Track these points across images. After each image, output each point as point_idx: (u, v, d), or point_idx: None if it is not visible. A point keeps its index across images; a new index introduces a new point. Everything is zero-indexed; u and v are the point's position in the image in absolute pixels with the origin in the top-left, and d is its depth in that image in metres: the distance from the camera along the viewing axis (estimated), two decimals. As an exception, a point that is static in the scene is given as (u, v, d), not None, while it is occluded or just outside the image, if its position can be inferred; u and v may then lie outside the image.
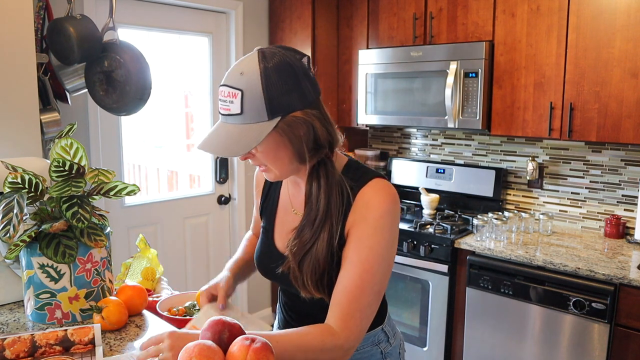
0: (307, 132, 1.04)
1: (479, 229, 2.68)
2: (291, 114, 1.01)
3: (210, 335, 1.14)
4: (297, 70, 1.02)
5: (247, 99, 0.99)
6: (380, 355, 1.26)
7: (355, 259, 1.06)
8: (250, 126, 1.00)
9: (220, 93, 1.03)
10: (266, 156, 1.06)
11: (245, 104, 0.99)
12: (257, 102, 0.99)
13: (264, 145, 1.03)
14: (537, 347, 2.37)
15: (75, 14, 2.00)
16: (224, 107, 1.03)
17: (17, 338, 1.12)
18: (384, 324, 1.28)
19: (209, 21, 3.22)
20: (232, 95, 1.00)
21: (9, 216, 1.18)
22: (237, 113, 1.00)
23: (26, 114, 1.69)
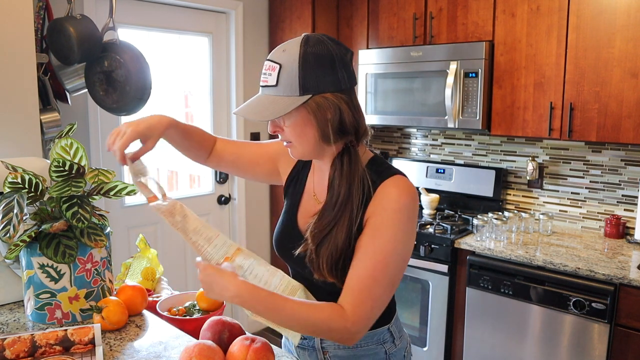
0: (334, 114, 1.08)
1: (479, 229, 2.68)
2: (321, 94, 1.07)
3: (210, 335, 1.15)
4: (336, 59, 1.08)
5: (283, 72, 1.06)
6: (384, 355, 1.26)
7: (371, 249, 1.08)
8: (282, 98, 1.07)
9: (264, 68, 1.11)
10: (293, 131, 1.11)
11: (281, 77, 1.06)
12: (291, 77, 1.06)
13: (292, 120, 1.09)
14: (537, 347, 2.37)
15: (75, 14, 2.00)
16: (263, 80, 1.10)
17: (17, 338, 1.12)
18: (391, 324, 1.28)
19: (209, 21, 3.22)
20: (271, 69, 1.08)
21: (9, 216, 1.18)
22: (272, 85, 1.07)
23: (26, 114, 1.69)
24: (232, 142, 1.47)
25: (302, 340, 1.28)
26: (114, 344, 1.22)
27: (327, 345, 1.25)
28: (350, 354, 1.24)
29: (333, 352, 1.25)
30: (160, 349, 1.20)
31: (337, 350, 1.24)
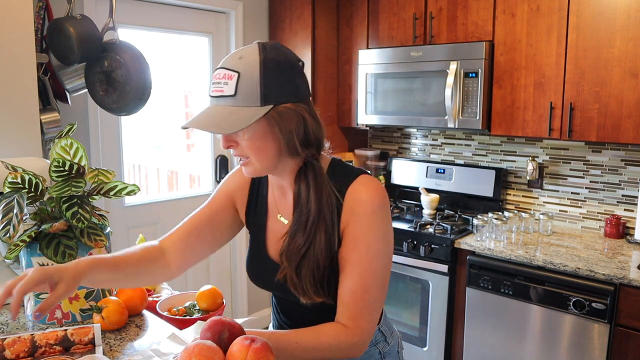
0: (298, 124, 1.03)
1: (479, 229, 2.68)
2: (283, 105, 1.01)
3: (210, 335, 1.14)
4: (294, 67, 1.04)
5: (242, 81, 0.99)
6: (379, 356, 1.26)
7: (355, 259, 1.06)
8: (241, 109, 0.99)
9: (215, 76, 1.03)
10: (251, 145, 1.03)
11: (240, 86, 0.99)
12: (252, 86, 0.99)
13: (251, 133, 1.02)
14: (537, 347, 2.37)
15: (75, 14, 2.00)
16: (216, 89, 1.02)
17: (17, 338, 1.12)
18: (381, 324, 1.28)
19: (209, 21, 3.22)
20: (227, 77, 1.00)
21: (9, 216, 1.19)
22: (230, 95, 0.99)
23: (26, 114, 1.69)
24: (181, 226, 1.29)
25: None
26: (114, 344, 1.22)
27: None
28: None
29: None
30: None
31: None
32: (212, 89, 1.04)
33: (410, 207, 3.22)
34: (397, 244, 2.80)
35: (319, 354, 1.03)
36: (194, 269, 3.27)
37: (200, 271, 3.31)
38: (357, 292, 1.05)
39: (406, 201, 3.36)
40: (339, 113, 3.44)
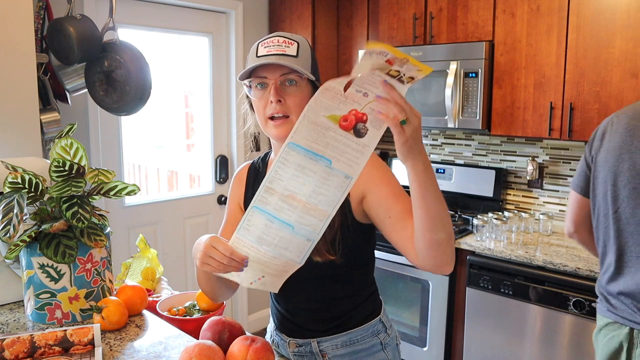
0: None
1: (479, 229, 2.68)
2: (318, 81, 1.15)
3: (210, 335, 1.15)
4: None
5: (301, 49, 1.12)
6: (380, 346, 1.28)
7: (406, 205, 1.10)
8: (301, 67, 1.10)
9: (271, 41, 1.12)
10: (298, 103, 1.11)
11: (300, 52, 1.11)
12: (307, 56, 1.13)
13: (302, 92, 1.12)
14: (537, 347, 2.37)
15: (75, 14, 2.00)
16: (277, 50, 1.10)
17: (16, 339, 1.12)
18: (382, 314, 1.31)
19: (209, 21, 3.22)
20: (288, 43, 1.11)
21: (9, 216, 1.18)
22: (292, 55, 1.10)
23: (26, 114, 1.69)
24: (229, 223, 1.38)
25: (299, 348, 1.29)
26: (114, 344, 1.22)
27: (325, 347, 1.25)
28: (350, 350, 1.25)
29: (332, 352, 1.25)
30: (160, 349, 1.20)
31: (336, 350, 1.25)
32: (268, 50, 1.10)
33: (410, 207, 3.22)
34: (397, 244, 2.80)
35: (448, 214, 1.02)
36: (194, 269, 3.27)
37: (200, 271, 3.31)
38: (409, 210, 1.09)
39: (406, 201, 3.36)
40: (339, 113, 3.44)
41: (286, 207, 0.95)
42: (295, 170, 0.93)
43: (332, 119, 0.91)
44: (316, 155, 0.92)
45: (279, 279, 1.04)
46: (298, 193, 0.94)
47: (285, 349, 1.31)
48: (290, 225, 0.96)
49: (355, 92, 0.90)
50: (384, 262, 2.85)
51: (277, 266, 1.01)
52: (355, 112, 0.90)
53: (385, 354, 1.28)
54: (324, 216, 0.94)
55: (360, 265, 1.26)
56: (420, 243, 1.02)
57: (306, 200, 0.94)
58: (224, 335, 1.14)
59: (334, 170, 0.92)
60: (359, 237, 1.20)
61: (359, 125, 0.90)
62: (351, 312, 1.26)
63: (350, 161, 0.91)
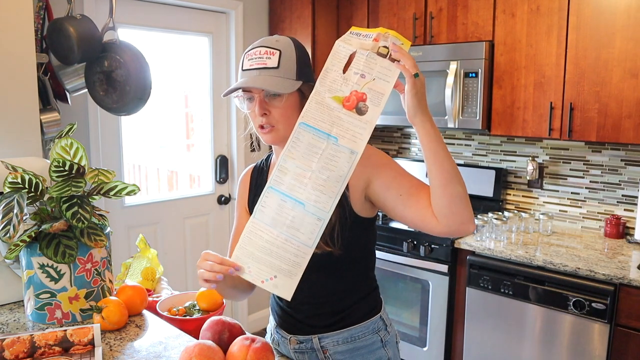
0: None
1: (479, 229, 2.68)
2: (309, 83, 1.16)
3: (210, 335, 1.15)
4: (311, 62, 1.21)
5: (283, 57, 1.13)
6: (381, 343, 1.29)
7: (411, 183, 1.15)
8: (283, 79, 1.12)
9: (253, 53, 1.14)
10: (284, 113, 1.14)
11: (282, 61, 1.12)
12: (290, 62, 1.13)
13: (286, 101, 1.14)
14: (537, 347, 2.37)
15: (75, 14, 1.99)
16: (258, 63, 1.13)
17: (16, 339, 1.11)
18: (382, 312, 1.32)
19: (209, 21, 3.22)
20: (269, 53, 1.13)
21: (9, 216, 1.18)
22: (273, 66, 1.12)
23: (26, 114, 1.69)
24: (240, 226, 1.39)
25: (299, 344, 1.29)
26: (114, 344, 1.22)
27: (326, 344, 1.26)
28: (350, 347, 1.25)
29: (333, 349, 1.25)
30: (160, 349, 1.20)
31: (337, 346, 1.25)
32: (250, 64, 1.14)
33: (410, 207, 3.22)
34: (397, 244, 2.80)
35: (455, 165, 1.07)
36: (194, 269, 3.27)
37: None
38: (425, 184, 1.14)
39: (406, 201, 3.36)
40: (339, 113, 3.44)
41: (298, 185, 1.02)
42: (305, 149, 1.02)
43: (336, 99, 1.00)
44: (324, 134, 1.01)
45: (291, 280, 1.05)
46: (308, 170, 1.01)
47: (286, 346, 1.32)
48: (302, 203, 1.02)
49: (353, 74, 1.00)
50: (384, 262, 2.85)
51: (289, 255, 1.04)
52: (356, 93, 1.00)
53: (385, 351, 1.29)
54: (333, 192, 1.01)
55: (359, 259, 1.28)
56: (440, 202, 1.06)
57: (316, 176, 1.01)
58: (224, 335, 1.14)
59: (341, 147, 1.00)
60: (357, 230, 1.21)
61: (360, 104, 0.99)
62: (352, 307, 1.27)
63: (354, 137, 0.99)
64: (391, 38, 0.99)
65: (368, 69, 1.00)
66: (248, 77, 1.13)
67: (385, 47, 0.99)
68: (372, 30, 0.99)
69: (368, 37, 0.99)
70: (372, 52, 0.99)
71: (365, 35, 1.00)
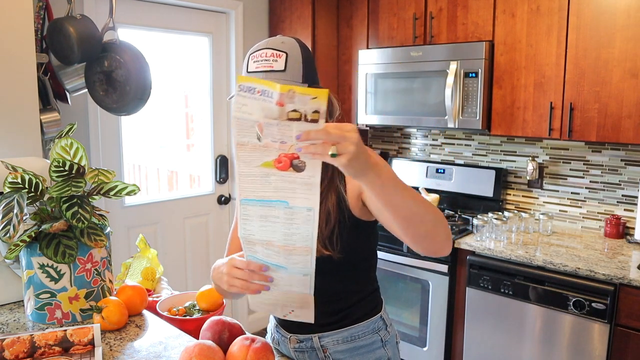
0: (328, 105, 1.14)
1: (479, 229, 2.68)
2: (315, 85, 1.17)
3: (210, 335, 1.15)
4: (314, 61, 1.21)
5: (290, 60, 1.12)
6: (381, 343, 1.29)
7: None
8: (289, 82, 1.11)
9: (259, 55, 1.13)
10: None
11: (289, 64, 1.12)
12: (297, 65, 1.13)
13: None
14: (537, 347, 2.37)
15: (75, 14, 2.00)
16: (265, 65, 1.12)
17: (16, 339, 1.11)
18: (382, 312, 1.32)
19: (209, 21, 3.22)
20: (276, 56, 1.12)
21: (9, 216, 1.18)
22: (280, 69, 1.12)
23: (26, 114, 1.69)
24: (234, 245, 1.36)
25: (299, 344, 1.29)
26: (114, 344, 1.22)
27: (326, 343, 1.26)
28: (350, 346, 1.26)
29: (333, 348, 1.26)
30: (160, 349, 1.20)
31: (337, 345, 1.26)
32: (256, 66, 1.14)
33: (410, 207, 3.22)
34: (397, 244, 2.80)
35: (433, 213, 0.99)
36: (194, 269, 3.28)
37: (200, 271, 3.31)
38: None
39: (406, 201, 3.36)
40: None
41: (272, 253, 0.98)
42: (259, 222, 0.93)
43: (266, 165, 0.88)
44: (271, 202, 0.91)
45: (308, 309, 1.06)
46: (274, 239, 0.95)
47: (285, 345, 1.32)
48: (283, 267, 0.99)
49: (272, 142, 0.86)
50: (384, 262, 2.85)
51: (295, 301, 1.06)
52: (285, 154, 0.87)
53: (385, 351, 1.29)
54: (307, 252, 0.95)
55: (360, 261, 1.27)
56: (406, 240, 1.02)
57: (283, 244, 0.95)
58: (224, 335, 1.14)
59: (294, 208, 0.90)
60: (357, 234, 1.21)
61: (295, 162, 0.87)
62: (352, 307, 1.27)
63: (304, 195, 0.89)
64: (298, 97, 0.80)
65: (286, 136, 0.84)
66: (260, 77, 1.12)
67: (295, 111, 0.81)
68: (266, 84, 0.81)
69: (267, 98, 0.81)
70: (282, 120, 0.82)
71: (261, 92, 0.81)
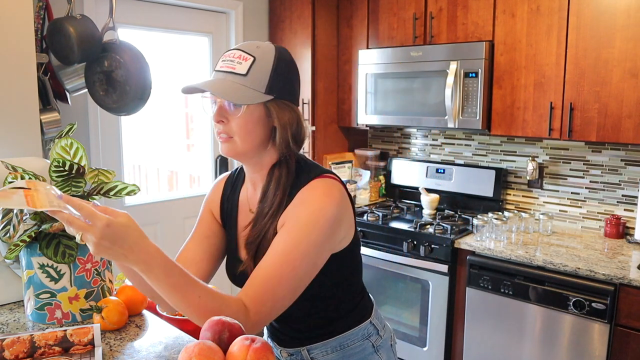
0: (292, 120, 1.10)
1: (479, 229, 2.68)
2: (282, 100, 1.09)
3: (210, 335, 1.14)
4: (297, 75, 1.14)
5: (255, 66, 1.05)
6: (372, 349, 1.27)
7: (280, 248, 1.04)
8: (247, 89, 1.05)
9: (228, 55, 1.08)
10: (243, 126, 1.07)
11: (253, 69, 1.05)
12: (262, 74, 1.06)
13: (247, 114, 1.06)
14: (537, 347, 2.37)
15: (75, 14, 2.00)
16: (228, 66, 1.07)
17: (16, 339, 1.11)
18: (372, 317, 1.29)
19: (209, 21, 3.22)
20: (242, 58, 1.06)
21: (9, 216, 1.19)
22: (241, 73, 1.05)
23: (26, 114, 1.69)
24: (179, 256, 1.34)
25: (290, 356, 1.28)
26: (114, 344, 1.22)
27: (316, 354, 1.24)
28: (340, 355, 1.24)
29: (323, 358, 1.24)
30: (160, 349, 1.20)
31: (327, 355, 1.24)
32: (221, 65, 1.08)
33: (410, 207, 3.22)
34: (397, 244, 2.80)
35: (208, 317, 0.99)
36: (194, 269, 3.27)
37: (200, 271, 3.31)
38: (270, 281, 1.02)
39: (406, 201, 3.36)
40: (339, 113, 3.44)
41: None
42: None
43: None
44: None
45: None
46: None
47: (278, 354, 1.31)
48: None
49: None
50: (384, 262, 2.85)
51: None
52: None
53: (378, 356, 1.27)
54: None
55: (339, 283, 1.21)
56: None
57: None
58: (224, 335, 1.14)
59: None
60: (329, 264, 1.12)
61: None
62: (339, 319, 1.23)
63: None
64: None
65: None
66: (214, 79, 1.08)
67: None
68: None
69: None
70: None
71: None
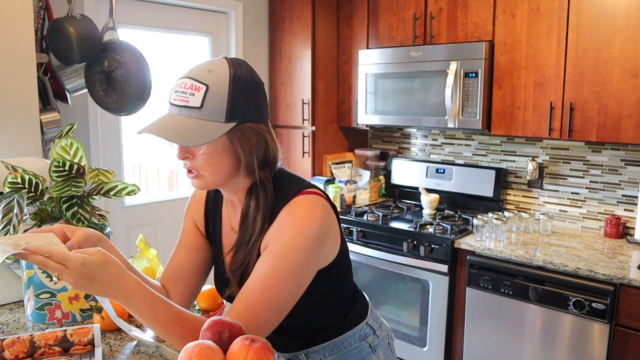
0: (259, 144, 1.04)
1: (479, 229, 2.68)
2: (246, 123, 1.01)
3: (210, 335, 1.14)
4: (260, 87, 1.04)
5: (210, 95, 0.98)
6: (370, 349, 1.26)
7: (263, 272, 1.00)
8: (205, 122, 0.98)
9: (179, 85, 1.01)
10: (209, 160, 1.02)
11: (207, 100, 0.98)
12: (219, 102, 0.98)
13: (211, 148, 1.00)
14: (537, 347, 2.37)
15: (75, 14, 2.00)
16: (180, 99, 1.00)
17: (16, 339, 1.11)
18: (368, 318, 1.28)
19: (209, 21, 3.22)
20: (194, 88, 0.98)
21: (9, 216, 1.19)
22: (195, 106, 0.98)
23: (26, 114, 1.69)
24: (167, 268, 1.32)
25: None
26: (114, 344, 1.22)
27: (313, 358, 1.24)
28: (337, 358, 1.23)
29: None
30: (160, 349, 1.20)
31: (324, 358, 1.23)
32: (174, 97, 1.02)
33: (410, 207, 3.22)
34: (397, 244, 2.80)
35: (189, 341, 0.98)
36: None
37: (200, 271, 3.31)
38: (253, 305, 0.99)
39: (406, 201, 3.36)
40: (339, 113, 3.44)
41: None
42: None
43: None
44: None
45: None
46: None
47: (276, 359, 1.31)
48: None
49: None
50: (384, 262, 2.85)
51: None
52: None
53: (376, 355, 1.27)
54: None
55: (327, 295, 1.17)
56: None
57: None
58: (224, 335, 1.14)
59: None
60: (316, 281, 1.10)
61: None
62: (334, 325, 1.22)
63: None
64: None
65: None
66: (169, 115, 1.02)
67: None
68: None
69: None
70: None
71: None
